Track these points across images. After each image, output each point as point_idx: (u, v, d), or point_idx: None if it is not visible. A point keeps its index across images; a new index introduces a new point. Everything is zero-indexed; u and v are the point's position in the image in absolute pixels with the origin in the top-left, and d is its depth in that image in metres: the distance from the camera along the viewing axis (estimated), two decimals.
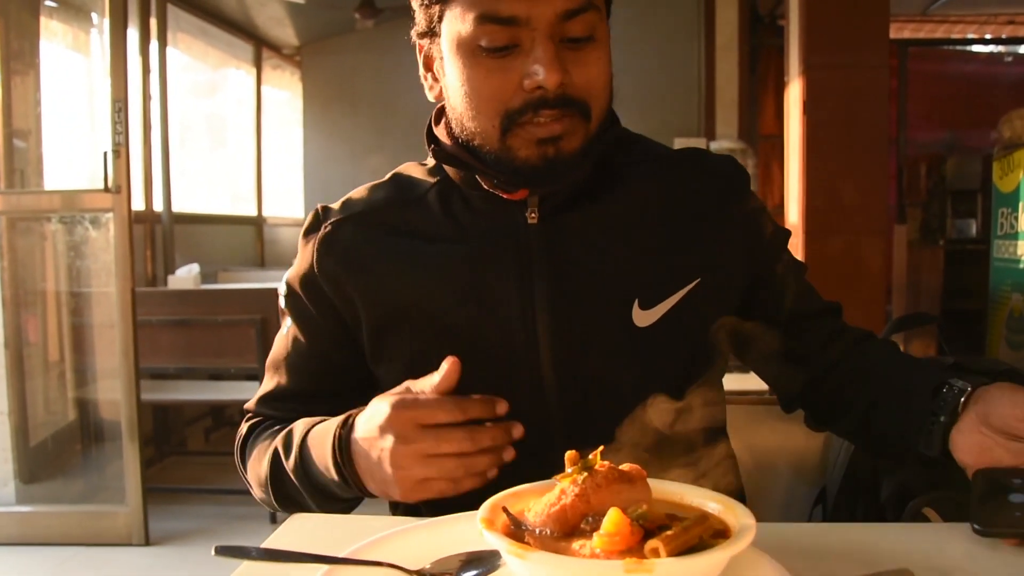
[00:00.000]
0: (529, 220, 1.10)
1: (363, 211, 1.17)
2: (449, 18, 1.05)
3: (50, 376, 4.06)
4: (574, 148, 1.04)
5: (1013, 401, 0.92)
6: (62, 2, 4.58)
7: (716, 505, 0.75)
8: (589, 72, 1.03)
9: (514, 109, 1.02)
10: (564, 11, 1.00)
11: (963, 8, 7.20)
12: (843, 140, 3.80)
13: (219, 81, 7.00)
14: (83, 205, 3.65)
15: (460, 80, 1.05)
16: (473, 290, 1.09)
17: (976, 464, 0.93)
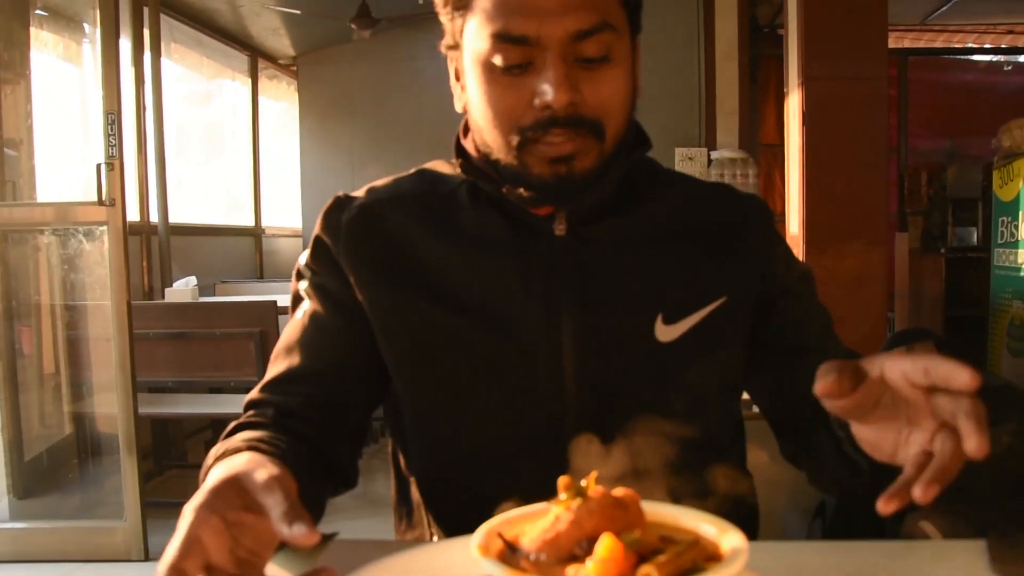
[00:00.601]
0: (556, 231, 1.10)
1: (388, 198, 1.16)
2: (468, 33, 1.06)
3: (45, 389, 4.04)
4: (587, 167, 1.04)
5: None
6: (53, 11, 4.57)
7: (710, 528, 0.75)
8: (602, 91, 1.03)
9: (525, 126, 1.03)
10: (575, 32, 1.00)
11: (962, 18, 7.22)
12: (843, 149, 3.79)
13: (214, 92, 7.00)
14: (77, 218, 3.63)
15: (478, 95, 1.06)
16: (496, 295, 1.09)
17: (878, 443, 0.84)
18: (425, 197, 1.16)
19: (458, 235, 1.12)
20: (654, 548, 0.69)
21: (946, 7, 6.73)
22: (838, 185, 3.68)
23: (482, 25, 1.02)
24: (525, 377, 1.07)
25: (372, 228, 1.13)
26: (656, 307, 1.09)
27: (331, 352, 1.12)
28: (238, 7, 6.21)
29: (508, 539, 0.73)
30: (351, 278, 1.11)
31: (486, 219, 1.12)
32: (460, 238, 1.12)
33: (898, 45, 7.29)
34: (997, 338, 4.17)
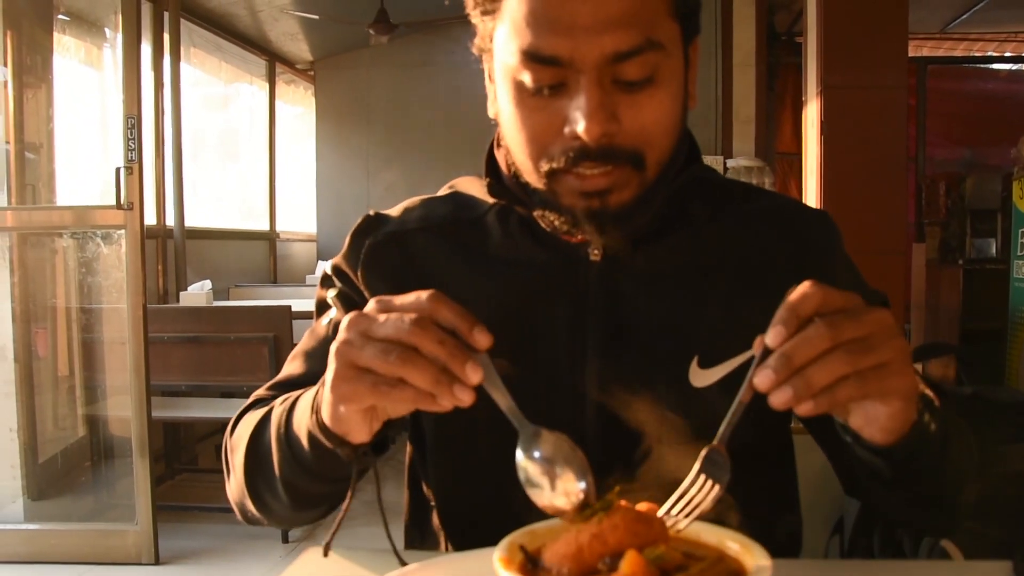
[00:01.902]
0: (591, 257, 1.02)
1: (417, 226, 1.10)
2: (497, 41, 0.95)
3: (60, 392, 4.05)
4: (625, 201, 0.94)
5: None
6: (75, 17, 4.60)
7: (734, 545, 0.74)
8: (644, 118, 0.91)
9: (554, 155, 0.92)
10: (613, 53, 0.88)
11: (982, 26, 7.19)
12: (861, 159, 3.77)
13: (232, 96, 7.03)
14: (95, 221, 3.65)
15: (508, 112, 0.96)
16: (521, 324, 1.02)
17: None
18: (455, 224, 1.09)
19: (486, 263, 1.05)
20: (678, 564, 0.69)
21: (966, 15, 6.70)
22: (855, 194, 3.67)
23: (511, 38, 0.92)
24: (546, 408, 0.97)
25: (395, 256, 1.08)
26: (692, 348, 0.98)
27: None
28: (257, 12, 6.24)
29: (530, 552, 0.73)
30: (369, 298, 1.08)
31: (515, 244, 1.05)
32: (487, 265, 1.05)
33: (917, 54, 7.26)
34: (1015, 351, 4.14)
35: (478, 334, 0.78)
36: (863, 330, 0.73)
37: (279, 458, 0.95)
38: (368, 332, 0.77)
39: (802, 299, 0.74)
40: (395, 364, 0.75)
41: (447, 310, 0.78)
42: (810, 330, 0.72)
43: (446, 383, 0.76)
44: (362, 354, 0.77)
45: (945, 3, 6.40)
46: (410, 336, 0.76)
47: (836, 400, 0.73)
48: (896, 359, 0.74)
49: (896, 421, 0.80)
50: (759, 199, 1.12)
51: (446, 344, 0.76)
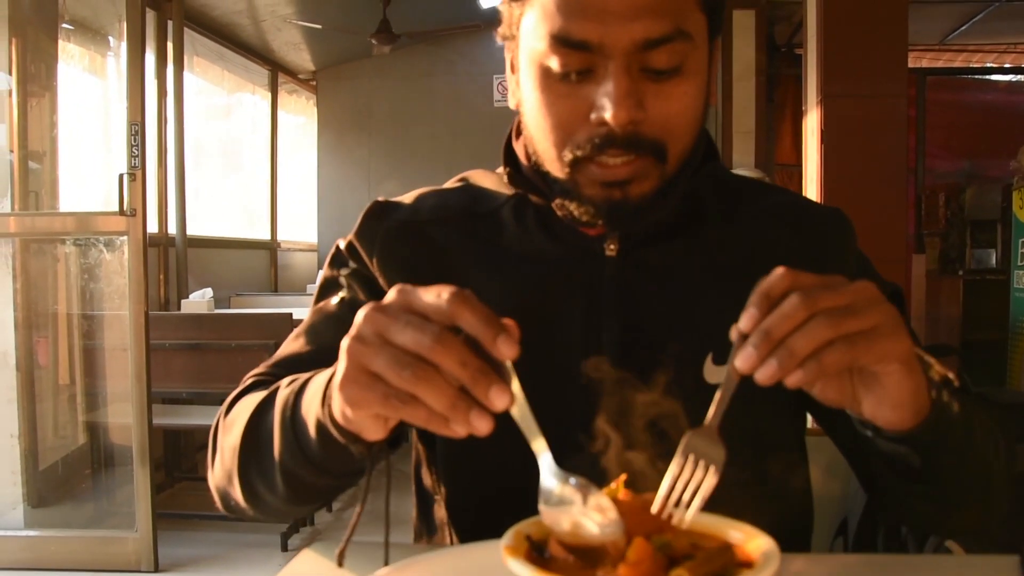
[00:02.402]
0: (607, 252, 1.02)
1: (432, 216, 1.09)
2: (525, 27, 0.95)
3: (61, 399, 4.06)
4: (645, 192, 0.94)
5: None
6: (80, 25, 4.62)
7: (739, 535, 0.74)
8: (669, 108, 0.92)
9: (580, 143, 0.92)
10: (644, 40, 0.88)
11: (981, 38, 7.22)
12: (861, 169, 3.78)
13: (235, 105, 7.06)
14: (97, 228, 3.66)
15: (532, 99, 0.95)
16: (536, 318, 0.98)
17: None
18: (470, 216, 1.09)
19: (501, 257, 1.05)
20: (685, 553, 0.70)
21: (965, 26, 6.74)
22: (855, 204, 3.66)
23: (540, 22, 0.91)
24: (559, 403, 0.97)
25: (411, 246, 1.07)
26: (706, 344, 0.92)
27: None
28: (260, 22, 6.27)
29: (537, 541, 0.73)
30: (384, 286, 1.06)
31: (531, 239, 1.05)
32: (503, 259, 1.05)
33: (917, 65, 7.29)
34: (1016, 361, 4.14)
35: (502, 344, 0.70)
36: (843, 299, 0.72)
37: (282, 446, 0.89)
38: (385, 333, 0.70)
39: (773, 282, 0.74)
40: (409, 380, 0.69)
41: (471, 314, 0.70)
42: (785, 304, 0.71)
43: (463, 409, 0.70)
44: (375, 359, 0.70)
45: (944, 14, 6.43)
46: (430, 352, 0.68)
47: (824, 367, 0.71)
48: (884, 323, 0.72)
49: (903, 391, 0.77)
50: (773, 195, 1.13)
51: (468, 366, 0.69)
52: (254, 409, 0.95)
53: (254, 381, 1.07)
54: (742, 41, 6.14)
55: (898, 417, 0.79)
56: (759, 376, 0.71)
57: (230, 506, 1.02)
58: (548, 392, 0.96)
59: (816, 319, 0.70)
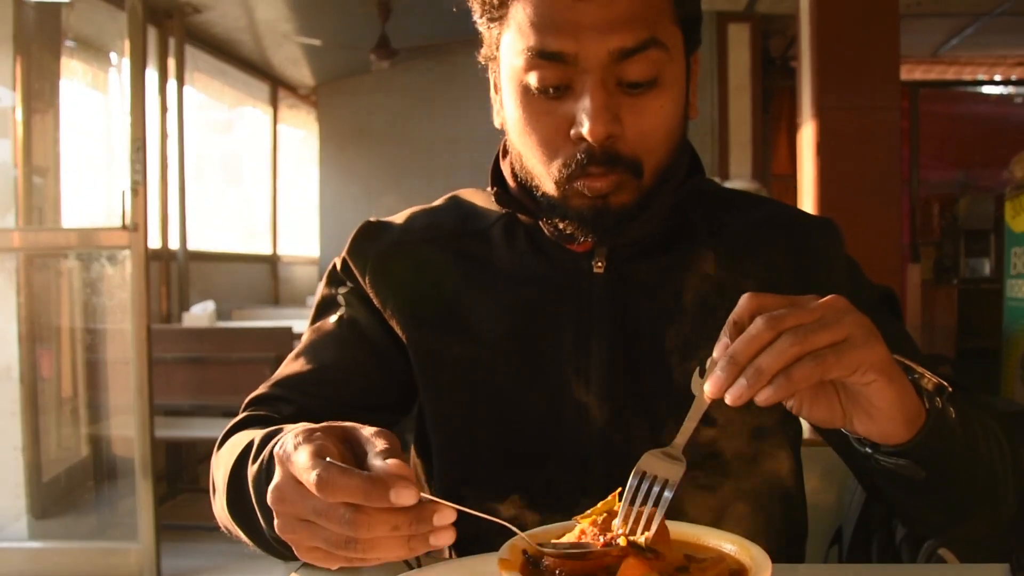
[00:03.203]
0: (595, 269, 1.02)
1: (423, 236, 1.10)
2: (504, 46, 0.97)
3: (64, 412, 4.07)
4: (625, 203, 0.95)
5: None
6: (83, 42, 4.67)
7: (732, 546, 0.75)
8: (645, 123, 0.93)
9: (564, 162, 0.94)
10: (618, 50, 0.89)
11: (973, 50, 7.26)
12: (856, 180, 3.82)
13: (236, 120, 7.10)
14: (100, 242, 3.68)
15: (515, 117, 0.97)
16: (525, 334, 1.02)
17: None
18: (460, 236, 1.09)
19: (492, 277, 1.05)
20: (679, 565, 0.71)
21: (957, 39, 6.78)
22: (851, 215, 3.71)
23: (517, 38, 0.93)
24: (551, 420, 1.00)
25: (403, 267, 1.08)
26: (694, 359, 0.92)
27: (358, 364, 1.08)
28: (260, 38, 6.32)
29: (532, 554, 0.74)
30: (378, 306, 1.08)
31: (521, 258, 1.05)
32: (493, 280, 1.05)
33: (910, 77, 7.33)
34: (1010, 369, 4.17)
35: (398, 497, 0.65)
36: (810, 316, 0.72)
37: (267, 523, 0.83)
38: (303, 518, 0.68)
39: (739, 308, 0.74)
40: (359, 554, 0.67)
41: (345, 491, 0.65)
42: (750, 327, 0.71)
43: (419, 547, 0.67)
44: (314, 540, 0.68)
45: (936, 28, 6.48)
46: (358, 535, 0.66)
47: (794, 382, 0.70)
48: (854, 334, 0.72)
49: (887, 400, 0.76)
50: (760, 208, 1.12)
51: (400, 527, 0.65)
52: (231, 470, 0.91)
53: (248, 415, 1.05)
54: (737, 54, 6.19)
55: (891, 429, 0.78)
56: (729, 397, 0.71)
57: (234, 537, 1.01)
58: (541, 407, 1.00)
59: (783, 337, 0.71)
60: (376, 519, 0.65)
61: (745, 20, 6.21)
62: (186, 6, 5.40)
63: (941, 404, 0.81)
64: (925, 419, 0.79)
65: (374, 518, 0.65)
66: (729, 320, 0.74)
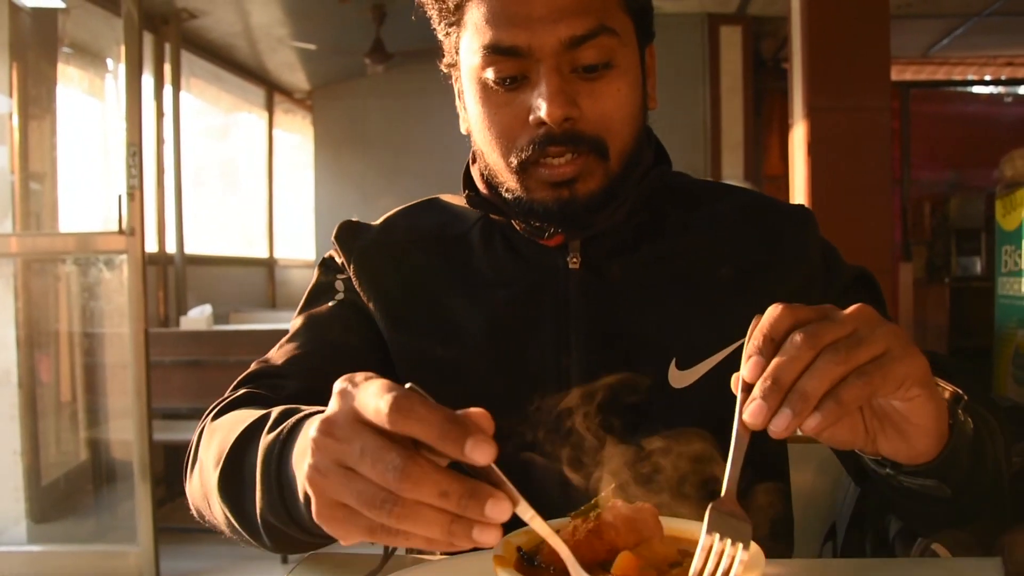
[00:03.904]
0: (570, 265, 1.03)
1: (404, 237, 1.11)
2: (463, 49, 1.00)
3: (62, 416, 4.08)
4: (592, 190, 0.97)
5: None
6: (79, 48, 4.69)
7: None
8: (603, 104, 0.95)
9: (523, 146, 0.96)
10: (569, 38, 0.93)
11: (963, 50, 7.29)
12: (847, 180, 3.83)
13: (231, 125, 7.12)
14: (97, 247, 3.69)
15: (476, 114, 1.00)
16: (506, 334, 1.03)
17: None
18: (440, 238, 1.10)
19: (471, 280, 1.06)
20: (672, 561, 0.72)
21: (947, 40, 6.81)
22: (842, 215, 3.73)
23: (473, 37, 0.96)
24: (534, 418, 0.98)
25: (385, 266, 1.09)
26: (670, 350, 0.99)
27: (368, 337, 1.07)
28: (256, 43, 6.33)
29: (526, 551, 0.74)
30: (364, 300, 1.09)
31: (499, 260, 1.07)
32: (473, 282, 1.06)
33: (900, 78, 7.37)
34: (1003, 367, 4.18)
35: (474, 452, 0.57)
36: (845, 329, 0.67)
37: (264, 502, 0.79)
38: (343, 462, 0.59)
39: (773, 321, 0.68)
40: (391, 519, 0.58)
41: (423, 427, 0.57)
42: (787, 345, 0.66)
43: (461, 534, 0.58)
44: (344, 493, 0.59)
45: (926, 28, 6.51)
46: (401, 491, 0.57)
47: (843, 404, 0.65)
48: (893, 345, 0.67)
49: (927, 416, 0.72)
50: (732, 197, 1.12)
51: (449, 495, 0.57)
52: (236, 439, 0.85)
53: (246, 393, 1.00)
54: (729, 56, 6.22)
55: (924, 447, 0.74)
56: (773, 429, 0.65)
57: (205, 521, 0.97)
58: (523, 407, 0.98)
59: (824, 356, 0.65)
60: (428, 476, 0.56)
61: (737, 22, 6.24)
62: (182, 12, 5.42)
63: (963, 416, 0.78)
64: (949, 435, 0.76)
65: (426, 474, 0.56)
66: (759, 334, 0.68)
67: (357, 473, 0.58)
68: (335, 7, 5.26)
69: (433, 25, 1.04)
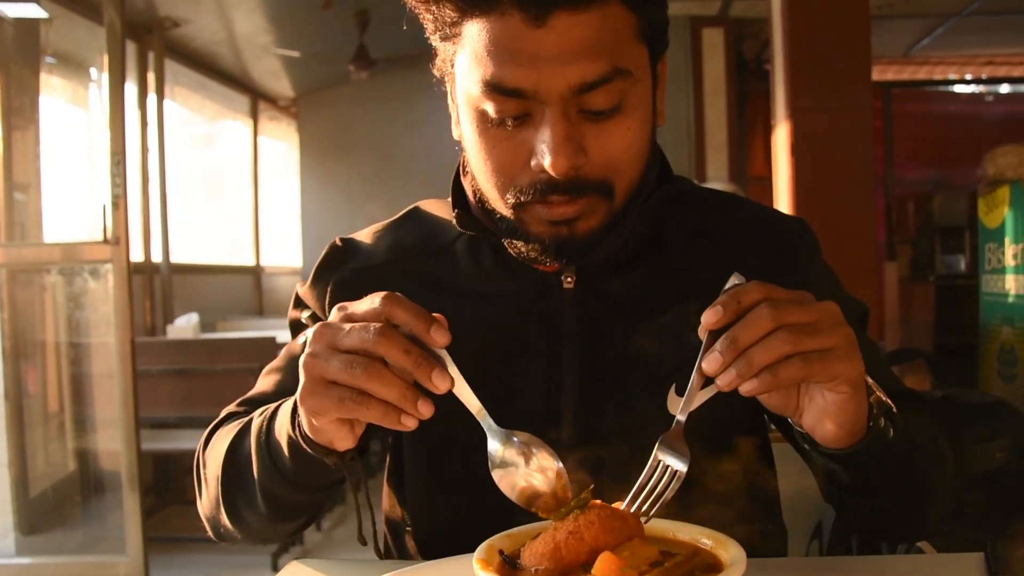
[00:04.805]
0: (564, 284, 0.99)
1: (385, 262, 1.07)
2: (459, 67, 0.91)
3: (50, 427, 4.07)
4: (593, 227, 0.91)
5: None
6: (62, 58, 4.68)
7: (708, 541, 0.76)
8: (612, 148, 0.88)
9: (521, 188, 0.89)
10: (579, 84, 0.84)
11: (943, 50, 7.35)
12: (831, 180, 3.85)
13: (216, 133, 7.11)
14: (82, 257, 3.68)
15: (472, 141, 0.92)
16: (496, 357, 0.98)
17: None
18: (423, 254, 1.06)
19: (458, 295, 1.02)
20: (653, 560, 0.72)
21: (927, 39, 6.86)
22: (826, 214, 3.75)
23: (473, 67, 0.87)
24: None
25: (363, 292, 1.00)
26: (668, 374, 0.89)
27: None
28: (240, 51, 6.33)
29: (508, 554, 0.75)
30: None
31: (487, 275, 1.02)
32: (460, 298, 1.01)
33: (882, 78, 7.42)
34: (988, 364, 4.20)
35: (435, 333, 0.78)
36: (809, 316, 0.75)
37: (259, 468, 0.94)
38: (334, 344, 0.77)
39: (747, 288, 0.76)
40: (361, 377, 0.75)
41: (402, 311, 0.78)
42: (754, 313, 0.74)
43: (411, 398, 0.76)
44: (328, 367, 0.77)
45: (907, 28, 6.56)
46: (375, 346, 0.76)
47: (779, 379, 0.74)
48: (842, 345, 0.75)
49: (846, 413, 0.79)
50: (733, 213, 1.09)
51: (411, 353, 0.76)
52: (232, 438, 1.00)
53: (227, 415, 1.10)
54: (711, 58, 6.26)
55: (834, 436, 0.81)
56: (719, 381, 0.75)
57: (220, 533, 1.06)
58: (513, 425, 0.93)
59: (779, 332, 0.73)
60: (397, 337, 0.76)
61: (719, 24, 6.28)
62: (165, 20, 5.41)
63: (884, 423, 0.84)
64: (864, 435, 0.82)
65: (396, 336, 0.76)
66: (731, 293, 0.76)
67: (342, 350, 0.76)
68: (318, 14, 5.27)
69: (426, 32, 0.96)
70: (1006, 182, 3.85)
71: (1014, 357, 3.88)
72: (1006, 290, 3.98)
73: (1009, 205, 3.83)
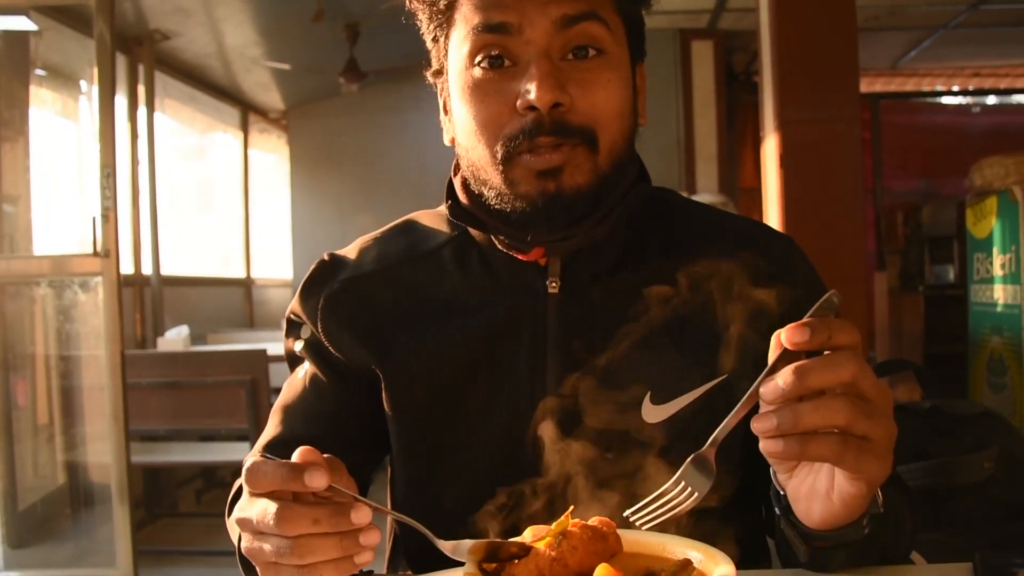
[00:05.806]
0: (549, 289, 1.01)
1: (372, 271, 1.09)
2: (451, 48, 0.99)
3: (39, 440, 4.05)
4: (579, 184, 0.94)
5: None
6: (52, 71, 4.68)
7: (697, 554, 0.76)
8: (594, 94, 0.93)
9: (510, 135, 0.93)
10: (560, 16, 0.92)
11: (931, 62, 7.41)
12: (820, 192, 3.87)
13: (207, 145, 7.11)
14: (72, 269, 3.67)
15: (462, 109, 0.97)
16: (483, 360, 1.01)
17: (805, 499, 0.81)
18: (409, 261, 1.08)
19: (443, 302, 1.04)
20: (646, 571, 0.73)
21: (914, 52, 6.92)
22: (816, 226, 3.76)
23: (462, 28, 0.95)
24: (508, 448, 1.00)
25: (353, 304, 1.07)
26: (644, 385, 0.97)
27: (329, 417, 1.08)
28: (230, 63, 6.34)
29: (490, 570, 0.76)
30: (334, 351, 1.08)
31: (474, 281, 1.04)
32: (446, 305, 1.04)
33: (870, 89, 7.48)
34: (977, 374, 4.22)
35: (310, 480, 0.71)
36: (875, 393, 0.70)
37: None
38: (257, 529, 0.74)
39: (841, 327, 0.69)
40: (296, 556, 0.71)
41: (264, 479, 0.72)
42: (832, 401, 0.68)
43: (352, 543, 0.72)
44: (266, 554, 0.73)
45: (894, 41, 6.61)
46: (285, 531, 0.71)
47: (806, 452, 0.69)
48: (882, 441, 0.70)
49: (841, 505, 0.76)
50: (719, 226, 1.10)
51: (320, 520, 0.71)
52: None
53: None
54: (701, 70, 6.29)
55: (813, 516, 0.78)
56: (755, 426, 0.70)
57: None
58: (499, 435, 0.99)
59: (837, 402, 0.68)
60: (296, 512, 0.71)
61: (708, 37, 6.32)
62: (155, 33, 5.42)
63: (865, 523, 0.81)
64: (837, 529, 0.80)
65: (295, 511, 0.71)
66: (826, 322, 0.69)
67: (270, 535, 0.72)
68: (308, 27, 5.28)
69: (422, 31, 1.03)
70: (993, 192, 3.88)
71: (1003, 367, 3.90)
72: (995, 300, 4.00)
73: (997, 215, 3.86)
